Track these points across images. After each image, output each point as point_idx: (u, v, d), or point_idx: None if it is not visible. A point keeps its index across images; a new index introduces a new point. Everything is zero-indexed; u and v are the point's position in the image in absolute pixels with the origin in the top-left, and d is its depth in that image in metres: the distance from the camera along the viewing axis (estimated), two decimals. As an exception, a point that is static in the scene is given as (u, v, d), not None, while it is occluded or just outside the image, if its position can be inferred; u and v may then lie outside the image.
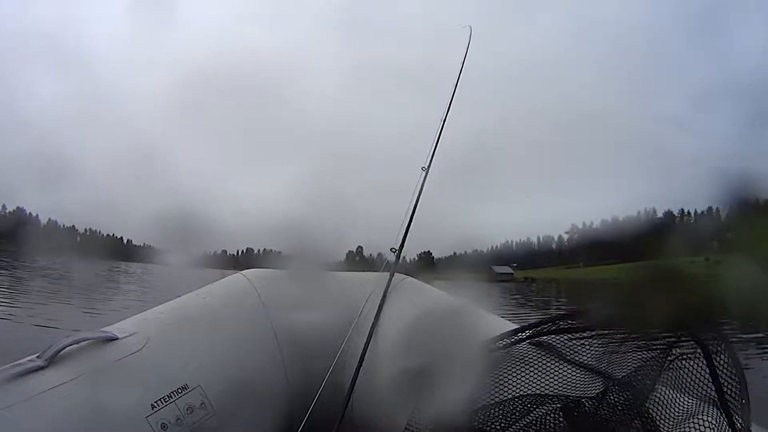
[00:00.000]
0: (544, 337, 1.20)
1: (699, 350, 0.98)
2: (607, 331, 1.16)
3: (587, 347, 1.15)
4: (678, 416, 0.96)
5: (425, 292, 1.72)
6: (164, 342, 1.35)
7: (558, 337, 1.19)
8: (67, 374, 1.15)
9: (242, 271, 1.73)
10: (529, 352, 1.20)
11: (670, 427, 0.95)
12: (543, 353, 1.18)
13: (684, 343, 1.02)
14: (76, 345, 1.23)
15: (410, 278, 1.78)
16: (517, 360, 1.19)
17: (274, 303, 1.60)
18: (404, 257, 1.74)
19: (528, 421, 1.09)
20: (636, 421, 0.98)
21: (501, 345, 1.24)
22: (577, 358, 1.14)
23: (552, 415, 1.07)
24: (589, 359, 1.14)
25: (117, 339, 1.29)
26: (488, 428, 1.11)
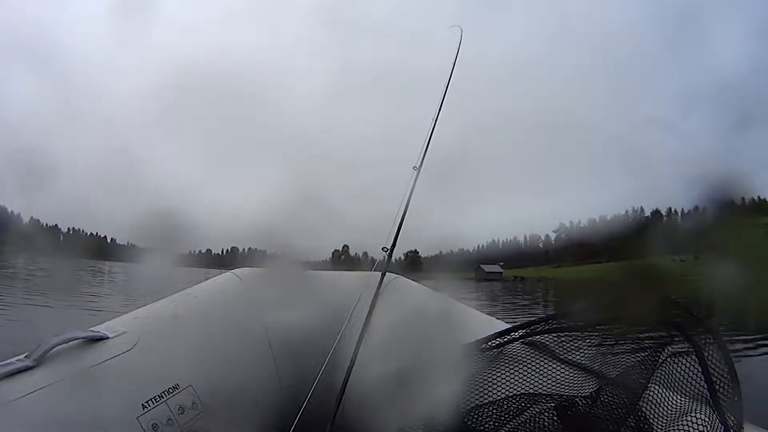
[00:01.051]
0: (537, 337, 1.21)
1: (691, 349, 1.00)
2: (599, 331, 1.17)
3: (580, 347, 1.16)
4: (671, 414, 0.97)
5: (417, 291, 1.71)
6: (155, 341, 1.33)
7: (551, 337, 1.20)
8: (57, 374, 1.12)
9: (233, 270, 1.71)
10: (523, 352, 1.21)
11: (664, 425, 0.96)
12: (536, 353, 1.19)
13: (676, 342, 1.03)
14: (65, 344, 1.20)
15: (402, 278, 1.77)
16: (510, 359, 1.20)
17: (265, 302, 1.58)
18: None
19: (522, 419, 1.09)
20: (630, 420, 0.99)
21: (494, 344, 1.25)
22: (570, 358, 1.15)
23: (546, 414, 1.07)
24: (582, 359, 1.14)
25: (107, 338, 1.26)
26: (482, 427, 1.11)
